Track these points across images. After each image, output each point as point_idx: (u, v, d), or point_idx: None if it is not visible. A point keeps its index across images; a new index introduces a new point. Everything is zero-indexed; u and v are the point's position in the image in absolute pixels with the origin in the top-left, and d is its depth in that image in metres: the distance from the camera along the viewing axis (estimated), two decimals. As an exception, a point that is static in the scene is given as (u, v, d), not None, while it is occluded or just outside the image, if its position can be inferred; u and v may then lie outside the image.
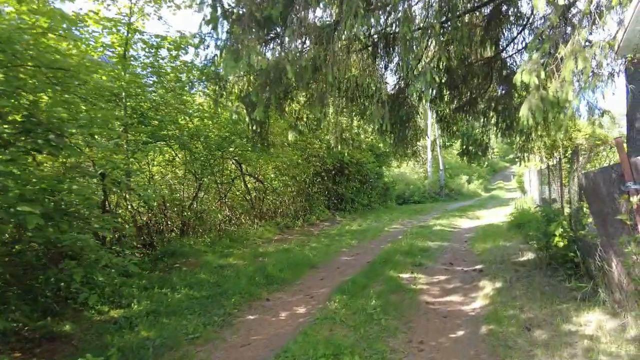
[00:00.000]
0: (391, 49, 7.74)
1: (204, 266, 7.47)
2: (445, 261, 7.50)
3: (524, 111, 3.76)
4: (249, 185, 12.72)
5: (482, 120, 8.48)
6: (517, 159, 9.13)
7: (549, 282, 5.03)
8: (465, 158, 8.73)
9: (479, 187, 34.93)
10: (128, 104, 8.23)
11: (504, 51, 8.12)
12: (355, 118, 8.57)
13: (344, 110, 7.43)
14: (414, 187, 28.34)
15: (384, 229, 12.86)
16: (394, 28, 7.54)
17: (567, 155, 16.57)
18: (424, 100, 7.96)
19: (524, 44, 8.41)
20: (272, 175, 13.51)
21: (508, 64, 8.33)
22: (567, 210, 12.46)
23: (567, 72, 3.35)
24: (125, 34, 8.51)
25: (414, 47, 7.71)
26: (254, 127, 6.08)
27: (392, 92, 7.66)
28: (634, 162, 2.99)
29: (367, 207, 19.82)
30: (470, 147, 8.74)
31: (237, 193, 12.51)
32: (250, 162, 11.32)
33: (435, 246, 9.07)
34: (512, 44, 8.29)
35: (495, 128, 8.60)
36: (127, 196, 8.74)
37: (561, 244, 4.75)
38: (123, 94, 7.92)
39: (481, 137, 8.64)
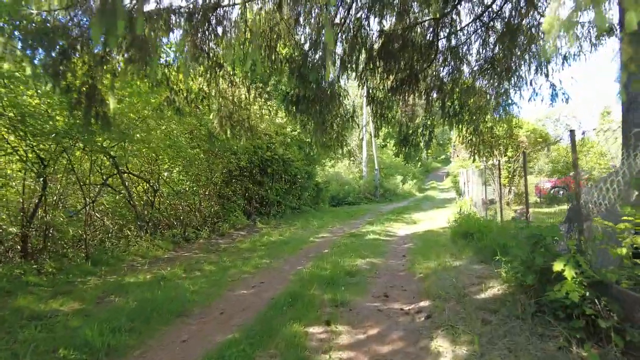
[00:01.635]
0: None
1: (6, 320, 4.65)
2: (378, 292, 5.39)
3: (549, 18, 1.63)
4: (134, 189, 9.83)
5: (424, 102, 6.54)
6: (470, 156, 7.29)
7: (545, 349, 3.03)
8: (402, 153, 6.73)
9: (413, 187, 34.33)
10: None
11: (454, 10, 6.22)
12: (259, 95, 6.25)
13: (233, 77, 5.07)
14: (349, 187, 26.68)
15: (309, 239, 10.64)
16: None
17: (507, 153, 15.57)
18: (349, 71, 5.79)
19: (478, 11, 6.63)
20: (170, 175, 10.69)
21: (457, 31, 6.48)
22: (509, 214, 11.11)
23: None
24: None
25: None
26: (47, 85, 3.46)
27: (305, 53, 5.40)
28: None
29: (296, 210, 17.62)
30: (411, 138, 6.78)
31: (119, 197, 9.56)
32: (125, 156, 8.44)
33: (366, 266, 6.98)
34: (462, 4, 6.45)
35: (440, 113, 6.71)
36: None
37: (577, 296, 2.77)
38: None
39: (424, 126, 6.70)
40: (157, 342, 3.97)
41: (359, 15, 5.48)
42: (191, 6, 5.10)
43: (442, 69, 6.82)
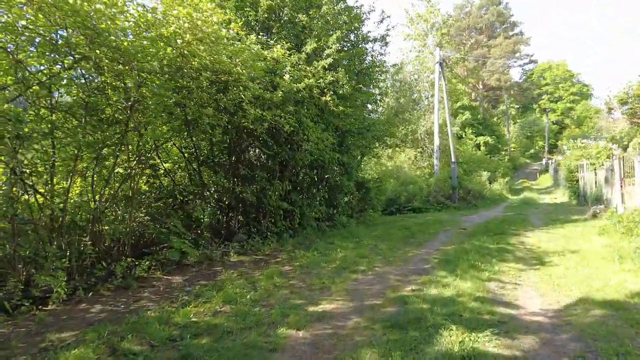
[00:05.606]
0: None
1: None
2: None
3: None
4: None
5: None
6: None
7: None
8: None
9: (504, 187, 25.82)
10: None
11: None
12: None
13: None
14: (415, 187, 19.40)
15: (280, 330, 4.03)
16: None
17: None
18: None
19: None
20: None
21: None
22: None
23: None
24: None
25: None
26: None
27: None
28: None
29: (325, 222, 11.03)
30: None
31: None
32: None
33: None
34: None
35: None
36: None
37: None
38: None
39: None
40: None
41: None
42: None
43: None
